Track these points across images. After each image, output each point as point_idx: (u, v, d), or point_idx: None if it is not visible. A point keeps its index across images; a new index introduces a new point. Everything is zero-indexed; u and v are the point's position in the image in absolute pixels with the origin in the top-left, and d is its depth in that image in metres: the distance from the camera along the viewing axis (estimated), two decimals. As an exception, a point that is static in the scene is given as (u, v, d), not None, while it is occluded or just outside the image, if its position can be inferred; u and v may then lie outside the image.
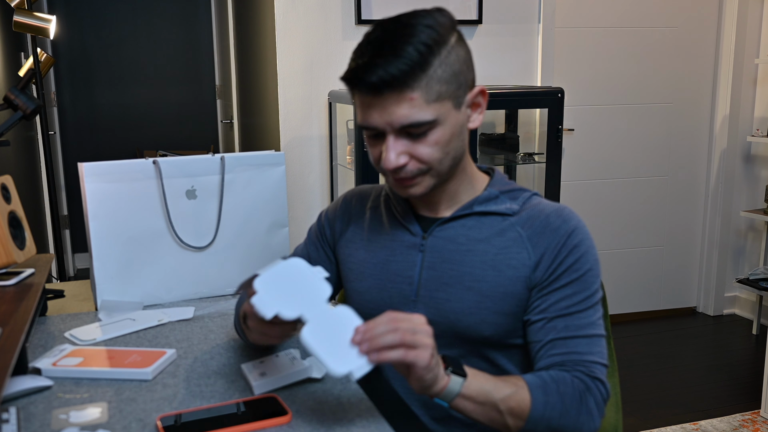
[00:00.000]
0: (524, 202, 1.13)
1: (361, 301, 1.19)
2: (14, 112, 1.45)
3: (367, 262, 1.18)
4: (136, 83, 5.15)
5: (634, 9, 3.52)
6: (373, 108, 1.01)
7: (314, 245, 1.28)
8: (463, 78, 1.04)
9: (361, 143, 2.63)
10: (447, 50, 1.00)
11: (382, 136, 1.04)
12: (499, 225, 1.10)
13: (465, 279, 1.09)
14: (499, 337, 1.09)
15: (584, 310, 1.06)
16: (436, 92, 1.00)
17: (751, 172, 3.82)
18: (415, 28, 0.99)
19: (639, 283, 3.82)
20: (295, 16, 2.96)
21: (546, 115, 2.92)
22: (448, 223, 1.13)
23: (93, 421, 0.99)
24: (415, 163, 1.04)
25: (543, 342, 1.06)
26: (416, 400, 1.15)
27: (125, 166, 1.48)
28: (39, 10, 4.24)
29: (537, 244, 1.07)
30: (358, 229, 1.23)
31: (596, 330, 1.06)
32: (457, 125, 1.04)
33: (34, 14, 2.37)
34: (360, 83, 1.00)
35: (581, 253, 1.06)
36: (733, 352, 3.43)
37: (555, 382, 1.00)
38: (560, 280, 1.06)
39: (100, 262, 1.48)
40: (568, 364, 1.04)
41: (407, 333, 0.88)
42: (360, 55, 1.01)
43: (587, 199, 3.65)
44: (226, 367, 1.19)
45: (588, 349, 1.04)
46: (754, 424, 2.67)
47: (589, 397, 1.01)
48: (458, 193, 1.13)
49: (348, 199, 1.28)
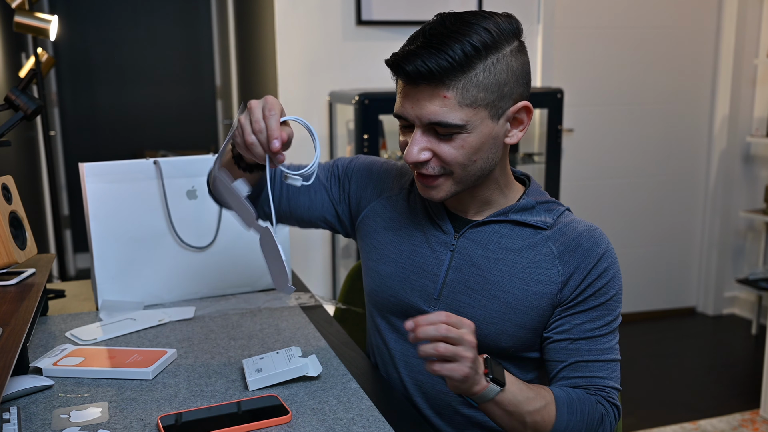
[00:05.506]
0: (557, 216, 1.10)
1: (381, 283, 1.17)
2: (15, 113, 1.46)
3: (392, 245, 1.16)
4: (137, 83, 5.16)
5: (633, 9, 3.53)
6: (408, 98, 1.00)
7: (334, 176, 1.25)
8: (509, 90, 1.00)
9: (361, 144, 2.63)
10: (497, 57, 0.97)
11: (413, 127, 1.02)
12: (532, 238, 1.08)
13: (491, 287, 1.07)
14: (515, 350, 1.09)
15: (606, 335, 1.06)
16: (472, 97, 0.97)
17: (751, 172, 3.82)
18: (471, 27, 0.96)
19: (638, 283, 3.83)
20: (296, 17, 2.96)
21: (546, 116, 2.93)
22: (481, 227, 1.11)
23: (94, 420, 1.00)
24: (438, 162, 1.02)
25: (566, 363, 1.06)
26: (422, 395, 1.15)
27: (126, 166, 1.48)
28: (40, 10, 4.24)
29: (567, 263, 1.06)
30: (388, 206, 1.20)
31: (615, 355, 1.07)
32: (490, 136, 1.01)
33: (35, 15, 2.38)
34: (399, 69, 0.98)
35: (610, 278, 1.06)
36: (732, 352, 3.43)
37: (581, 401, 1.02)
38: (587, 303, 1.05)
39: (101, 262, 1.48)
40: (591, 388, 1.05)
41: (449, 348, 0.87)
42: (410, 42, 0.99)
43: (587, 199, 3.65)
44: (227, 366, 1.20)
45: (608, 374, 1.06)
46: (753, 423, 2.67)
47: (607, 421, 1.04)
48: (489, 201, 1.11)
49: (390, 169, 1.24)
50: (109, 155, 4.98)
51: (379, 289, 1.17)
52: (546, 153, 2.94)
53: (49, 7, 4.62)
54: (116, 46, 5.09)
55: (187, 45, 5.23)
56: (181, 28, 5.21)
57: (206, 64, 5.27)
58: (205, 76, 5.28)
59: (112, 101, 5.13)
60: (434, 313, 0.89)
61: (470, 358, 0.88)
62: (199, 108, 5.30)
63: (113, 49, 5.08)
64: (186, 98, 5.27)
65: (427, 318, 0.88)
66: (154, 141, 5.23)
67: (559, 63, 3.44)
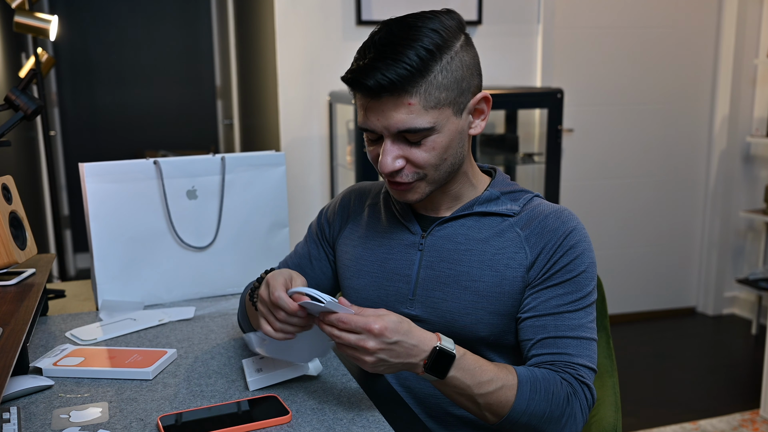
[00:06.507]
0: (525, 203, 1.12)
1: (357, 298, 1.19)
2: (15, 113, 1.46)
3: (364, 259, 1.19)
4: (137, 84, 5.16)
5: (633, 9, 3.53)
6: (372, 111, 1.01)
7: (314, 243, 1.29)
8: (466, 84, 1.03)
9: (361, 144, 2.63)
10: (450, 56, 0.99)
11: (380, 138, 1.04)
12: (499, 225, 1.10)
13: (462, 278, 1.09)
14: (495, 337, 1.09)
15: (576, 311, 1.05)
16: (435, 99, 0.99)
17: (751, 172, 3.82)
18: (419, 31, 0.98)
19: (638, 283, 3.83)
20: (296, 17, 2.97)
21: (546, 116, 2.93)
22: (447, 223, 1.13)
23: (94, 420, 1.00)
24: (411, 168, 1.04)
25: (534, 340, 1.05)
26: (413, 398, 1.15)
27: (126, 166, 1.48)
28: (40, 10, 4.24)
29: (534, 245, 1.07)
30: (356, 227, 1.23)
31: (587, 333, 1.05)
32: (456, 132, 1.04)
33: (35, 15, 2.38)
34: (358, 86, 0.99)
35: (577, 254, 1.06)
36: (732, 352, 3.44)
37: (546, 381, 1.00)
38: (553, 279, 1.06)
39: (101, 262, 1.48)
40: (558, 365, 1.03)
41: (351, 342, 0.93)
42: (362, 56, 1.00)
43: (587, 199, 3.65)
44: (227, 366, 1.20)
45: (578, 351, 1.04)
46: (753, 423, 2.67)
47: (575, 400, 1.01)
48: (459, 195, 1.13)
49: (347, 196, 1.28)
50: (109, 155, 4.98)
51: (356, 304, 1.18)
52: (546, 153, 2.94)
53: (49, 7, 4.62)
54: (116, 46, 5.09)
55: (187, 45, 5.23)
56: (181, 28, 5.21)
57: (206, 64, 5.27)
58: (205, 76, 5.28)
59: (112, 101, 5.13)
60: (345, 315, 0.93)
61: (373, 350, 0.92)
62: (199, 108, 5.31)
63: (113, 49, 5.08)
64: (186, 98, 5.27)
65: (343, 317, 0.93)
66: (154, 141, 5.23)
67: (559, 63, 3.44)
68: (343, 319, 0.92)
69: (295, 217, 3.05)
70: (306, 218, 3.08)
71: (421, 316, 1.11)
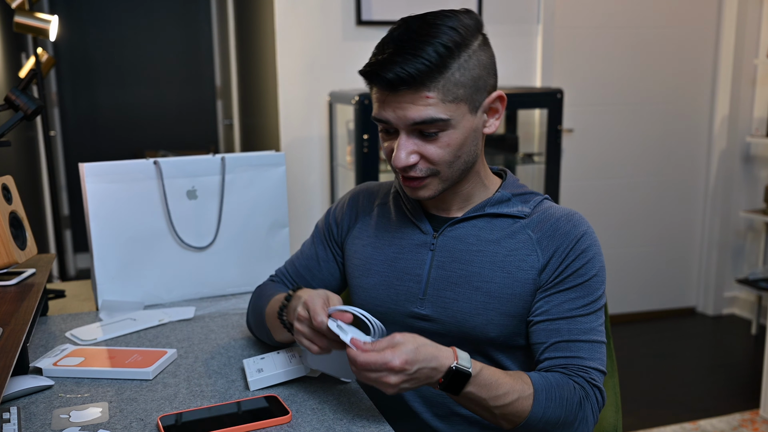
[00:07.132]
0: (536, 205, 1.13)
1: (366, 297, 1.19)
2: (15, 113, 1.46)
3: (374, 258, 1.18)
4: (137, 84, 5.16)
5: (633, 9, 3.53)
6: (388, 104, 1.02)
7: (322, 244, 1.29)
8: (483, 83, 1.04)
9: (361, 144, 2.63)
10: (468, 54, 1.01)
11: (395, 132, 1.05)
12: (510, 227, 1.11)
13: (473, 279, 1.09)
14: (505, 339, 1.10)
15: (587, 315, 1.06)
16: (453, 94, 1.00)
17: (750, 173, 3.82)
18: (438, 28, 0.99)
19: (638, 283, 3.83)
20: (295, 17, 2.97)
21: (545, 116, 2.93)
22: (459, 223, 1.13)
23: (94, 420, 1.00)
24: (425, 164, 1.04)
25: (547, 344, 1.06)
26: (417, 398, 1.15)
27: (126, 166, 1.48)
28: (40, 10, 4.25)
29: (546, 247, 1.08)
30: (366, 226, 1.23)
31: (598, 336, 1.07)
32: (471, 129, 1.04)
33: (35, 15, 2.38)
34: (377, 79, 1.00)
35: (588, 258, 1.07)
36: (732, 352, 3.44)
37: (560, 387, 1.01)
38: (566, 283, 1.06)
39: (101, 262, 1.48)
40: (571, 368, 1.05)
41: (372, 379, 0.93)
42: (381, 51, 1.01)
43: (586, 199, 3.65)
44: (227, 366, 1.20)
45: (590, 354, 1.05)
46: (753, 424, 2.67)
47: (587, 404, 1.03)
48: (471, 195, 1.14)
49: (355, 195, 1.28)
50: (109, 155, 4.98)
51: (366, 304, 1.19)
52: (546, 153, 2.94)
53: (49, 7, 4.62)
54: (116, 46, 5.09)
55: (187, 45, 5.23)
56: (181, 28, 5.21)
57: (206, 64, 5.27)
58: (205, 76, 5.28)
59: (112, 101, 5.13)
60: (362, 356, 0.92)
61: (393, 385, 0.92)
62: (199, 108, 5.31)
63: (113, 49, 5.08)
64: (186, 98, 5.27)
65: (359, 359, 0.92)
66: (154, 141, 5.23)
67: (559, 63, 3.44)
68: (359, 361, 0.92)
69: (295, 217, 3.05)
70: (306, 218, 3.08)
71: (431, 316, 1.12)
